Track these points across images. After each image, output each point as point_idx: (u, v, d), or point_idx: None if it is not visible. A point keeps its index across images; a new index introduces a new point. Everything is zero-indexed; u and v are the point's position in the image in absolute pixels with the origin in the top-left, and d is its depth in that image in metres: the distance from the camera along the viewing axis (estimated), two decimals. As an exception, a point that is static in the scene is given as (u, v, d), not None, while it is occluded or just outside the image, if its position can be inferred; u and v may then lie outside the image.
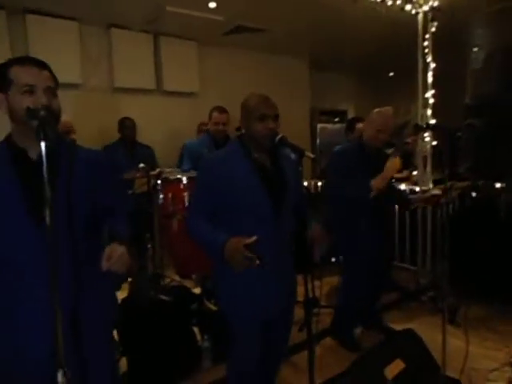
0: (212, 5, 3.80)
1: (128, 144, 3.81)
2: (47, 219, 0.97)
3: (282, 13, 4.02)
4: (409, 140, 3.98)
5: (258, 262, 1.41)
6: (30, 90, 1.14)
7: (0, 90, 1.18)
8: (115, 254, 1.16)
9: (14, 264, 1.18)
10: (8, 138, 1.23)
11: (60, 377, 1.02)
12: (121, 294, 3.04)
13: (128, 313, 2.33)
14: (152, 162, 3.61)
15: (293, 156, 1.65)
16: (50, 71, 1.22)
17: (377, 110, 2.52)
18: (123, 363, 2.32)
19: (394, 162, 2.44)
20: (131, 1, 3.64)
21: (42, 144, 0.97)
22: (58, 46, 3.74)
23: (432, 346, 2.02)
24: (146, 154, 3.83)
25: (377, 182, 2.32)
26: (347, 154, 2.53)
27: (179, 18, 4.03)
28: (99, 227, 1.33)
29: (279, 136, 1.57)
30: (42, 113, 1.00)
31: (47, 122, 0.99)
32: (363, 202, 2.39)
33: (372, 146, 2.48)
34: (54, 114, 1.16)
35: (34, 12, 3.75)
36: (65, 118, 2.96)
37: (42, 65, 1.21)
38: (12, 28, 3.69)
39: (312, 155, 1.50)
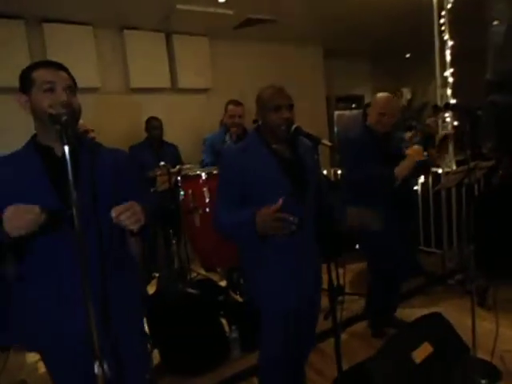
0: (221, -1, 3.81)
1: (155, 144, 3.89)
2: (74, 217, 1.02)
3: (292, 1, 3.98)
4: (428, 121, 3.90)
5: (292, 220, 1.39)
6: (51, 88, 1.20)
7: (23, 92, 1.25)
8: (131, 209, 1.15)
9: (47, 255, 1.24)
10: (33, 137, 1.30)
11: (96, 368, 1.09)
12: (150, 289, 3.14)
13: (158, 306, 2.41)
14: (178, 161, 3.70)
15: (310, 144, 1.66)
16: (69, 72, 1.28)
17: (379, 94, 2.52)
18: (155, 355, 2.40)
19: (415, 150, 2.41)
20: (142, 2, 3.68)
21: (66, 148, 1.03)
22: (75, 52, 3.83)
23: (461, 329, 1.99)
24: (172, 153, 3.92)
25: (400, 171, 2.30)
26: (355, 141, 2.50)
27: (190, 14, 4.04)
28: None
29: (294, 126, 1.58)
30: (64, 118, 1.05)
31: (69, 126, 1.04)
32: (383, 188, 2.36)
33: (378, 130, 2.45)
34: (74, 113, 1.22)
35: (50, 20, 3.85)
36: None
37: (62, 67, 1.27)
38: (30, 37, 3.80)
39: (329, 143, 1.50)
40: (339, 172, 4.88)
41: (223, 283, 3.10)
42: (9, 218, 1.07)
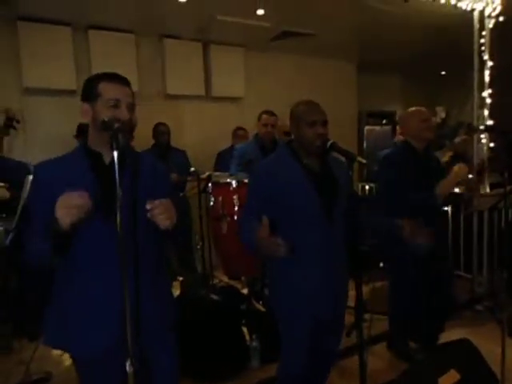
0: (260, 12, 3.87)
1: (162, 149, 3.93)
2: (117, 219, 1.07)
3: (330, 16, 4.01)
4: (458, 140, 3.81)
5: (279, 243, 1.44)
6: (115, 105, 1.26)
7: (86, 101, 1.29)
8: (165, 206, 1.19)
9: (88, 256, 1.28)
10: (84, 144, 1.35)
11: (128, 366, 1.12)
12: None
13: (180, 311, 2.43)
14: (186, 166, 3.67)
15: (343, 160, 1.67)
16: (131, 87, 1.34)
17: (410, 109, 2.49)
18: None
19: (461, 168, 2.32)
20: (182, 12, 3.81)
21: (115, 153, 1.08)
22: (117, 58, 3.98)
23: (489, 358, 1.92)
24: (179, 158, 3.93)
25: (443, 189, 2.23)
26: (395, 158, 2.44)
27: (228, 25, 4.14)
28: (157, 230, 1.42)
29: (330, 142, 1.59)
30: (116, 125, 1.10)
31: (120, 132, 1.09)
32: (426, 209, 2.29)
33: (417, 145, 2.40)
34: (131, 127, 1.29)
35: (95, 27, 4.04)
36: None
37: (126, 82, 1.33)
38: (76, 43, 3.99)
39: (364, 160, 1.50)
40: (366, 187, 4.84)
41: (245, 291, 3.11)
42: (60, 205, 1.09)
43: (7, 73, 3.77)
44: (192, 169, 3.34)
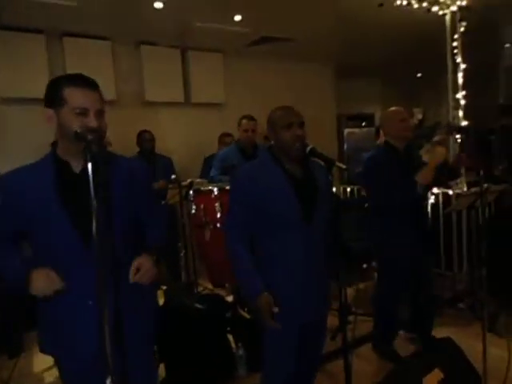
0: (237, 18, 3.89)
1: (147, 156, 3.91)
2: (94, 232, 1.04)
3: (307, 22, 4.06)
4: (437, 139, 3.88)
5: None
6: (83, 113, 1.19)
7: (50, 106, 1.22)
8: (143, 268, 1.23)
9: (59, 271, 1.24)
10: (53, 150, 1.30)
11: (108, 382, 1.09)
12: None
13: (164, 320, 2.40)
14: (171, 173, 3.65)
15: (323, 165, 1.67)
16: (99, 91, 1.26)
17: (390, 108, 2.53)
18: (161, 370, 2.38)
19: (437, 151, 2.37)
20: (160, 19, 3.79)
21: (89, 165, 1.05)
22: (93, 66, 3.90)
23: (471, 355, 1.96)
24: (165, 164, 3.91)
25: (424, 176, 2.27)
26: (377, 158, 2.49)
27: (206, 32, 4.14)
28: (138, 237, 1.40)
29: (310, 147, 1.60)
30: (90, 137, 1.07)
31: (94, 144, 1.06)
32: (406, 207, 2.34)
33: (398, 144, 2.44)
34: (100, 135, 1.21)
35: (70, 35, 3.97)
36: None
37: (94, 85, 1.24)
38: (50, 50, 3.92)
39: (343, 166, 1.51)
40: (348, 189, 4.89)
41: (230, 299, 3.09)
42: (36, 280, 1.18)
43: (-21, 82, 3.67)
44: (173, 176, 3.31)
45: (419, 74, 6.89)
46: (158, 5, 3.50)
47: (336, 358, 2.42)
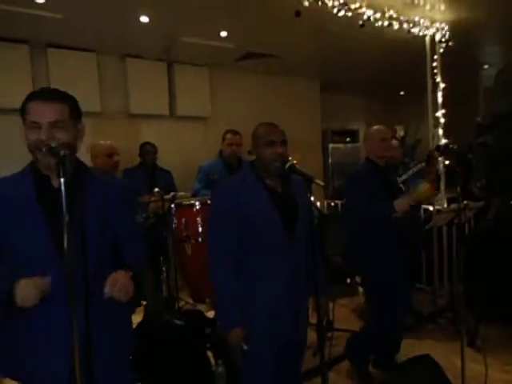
0: (223, 34, 3.94)
1: (148, 169, 3.91)
2: (65, 246, 1.04)
3: (292, 39, 4.13)
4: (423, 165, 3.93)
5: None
6: (36, 126, 1.20)
7: (23, 123, 1.24)
8: (118, 283, 1.20)
9: None
10: (32, 165, 1.29)
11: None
12: (136, 318, 3.07)
13: (143, 337, 2.35)
14: (171, 187, 3.69)
15: (302, 181, 1.69)
16: (65, 101, 1.25)
17: (373, 127, 2.58)
18: (138, 389, 2.32)
19: (426, 188, 2.37)
20: (145, 32, 3.81)
21: (62, 180, 1.04)
22: (78, 77, 3.91)
23: (450, 370, 1.97)
24: (166, 179, 3.90)
25: (401, 205, 2.26)
26: (358, 174, 2.54)
27: (192, 46, 4.18)
28: (115, 254, 1.37)
29: (289, 163, 1.61)
30: (62, 152, 1.06)
31: (66, 159, 1.05)
32: (385, 222, 2.35)
33: (379, 162, 2.49)
34: (62, 145, 1.16)
35: (55, 46, 3.95)
36: (108, 142, 3.06)
37: (52, 97, 1.23)
38: (34, 61, 3.88)
39: (322, 183, 1.52)
40: (332, 204, 4.93)
41: (211, 314, 3.05)
42: (20, 289, 1.14)
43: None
44: (156, 189, 3.28)
45: (402, 92, 7.06)
46: (144, 19, 3.52)
47: (317, 375, 2.40)
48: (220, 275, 1.62)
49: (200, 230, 2.58)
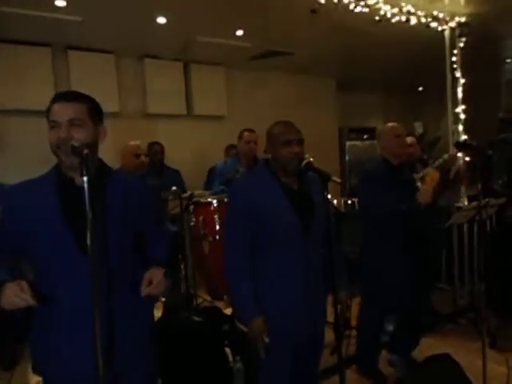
0: (239, 32, 3.95)
1: (157, 168, 3.94)
2: (88, 245, 1.06)
3: (309, 36, 4.11)
4: (446, 156, 3.87)
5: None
6: (54, 126, 1.23)
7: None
8: (155, 279, 1.23)
9: (58, 285, 1.26)
10: (56, 167, 1.33)
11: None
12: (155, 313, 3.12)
13: (161, 334, 2.39)
14: (180, 186, 3.67)
15: (318, 178, 1.69)
16: (84, 101, 1.28)
17: (386, 124, 2.55)
18: (158, 384, 2.36)
19: (432, 175, 2.40)
20: (162, 33, 3.85)
21: (85, 179, 1.07)
22: (97, 78, 3.99)
23: (471, 371, 1.93)
24: (174, 178, 3.92)
25: (423, 196, 2.27)
26: (372, 172, 2.50)
27: (208, 46, 4.21)
28: (139, 252, 1.40)
29: (305, 161, 1.61)
30: (85, 151, 1.09)
31: (89, 159, 1.08)
32: (399, 222, 2.32)
33: (393, 160, 2.44)
34: (85, 146, 1.18)
35: (75, 48, 4.05)
36: (137, 143, 3.14)
37: (71, 97, 1.27)
38: (56, 63, 3.99)
39: (338, 180, 1.53)
40: (349, 202, 4.89)
41: (229, 311, 3.07)
42: (4, 295, 1.14)
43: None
44: (173, 188, 3.33)
45: (420, 88, 6.93)
46: (161, 20, 3.57)
47: (334, 373, 2.40)
48: (235, 271, 1.64)
49: (217, 227, 2.61)
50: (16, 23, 3.40)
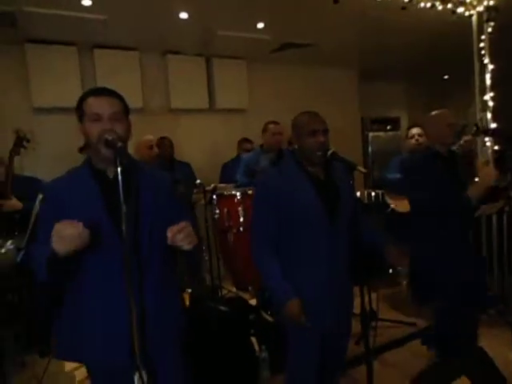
0: (260, 25, 3.95)
1: (166, 163, 3.95)
2: (123, 233, 1.12)
3: (329, 26, 4.07)
4: (464, 140, 3.78)
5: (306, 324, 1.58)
6: (96, 119, 1.27)
7: (80, 121, 1.33)
8: (184, 230, 1.21)
9: (93, 272, 1.31)
10: (88, 161, 1.38)
11: (136, 379, 1.15)
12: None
13: (188, 322, 2.45)
14: (190, 178, 3.70)
15: (344, 168, 1.69)
16: (117, 96, 1.33)
17: (433, 113, 2.34)
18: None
19: (487, 170, 2.22)
20: (184, 29, 3.90)
21: (119, 169, 1.12)
22: (122, 75, 4.08)
23: (501, 363, 1.91)
24: (184, 171, 3.92)
25: (474, 193, 2.08)
26: (419, 164, 2.29)
27: (229, 40, 4.23)
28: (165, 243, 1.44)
29: (331, 151, 1.62)
30: (120, 144, 1.14)
31: (123, 151, 1.13)
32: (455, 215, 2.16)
33: (441, 149, 2.25)
34: (118, 137, 1.22)
35: (100, 46, 4.15)
36: (148, 136, 3.22)
37: (110, 93, 1.32)
38: (82, 62, 4.10)
39: (364, 170, 1.52)
40: (372, 194, 4.83)
41: (254, 301, 3.11)
42: (55, 233, 1.10)
43: (17, 93, 3.89)
44: (198, 181, 3.38)
45: (446, 76, 6.74)
46: (183, 15, 3.61)
47: (359, 363, 2.40)
48: (264, 258, 1.67)
49: (241, 219, 2.64)
50: (43, 23, 3.51)
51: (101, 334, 1.31)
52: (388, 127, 6.50)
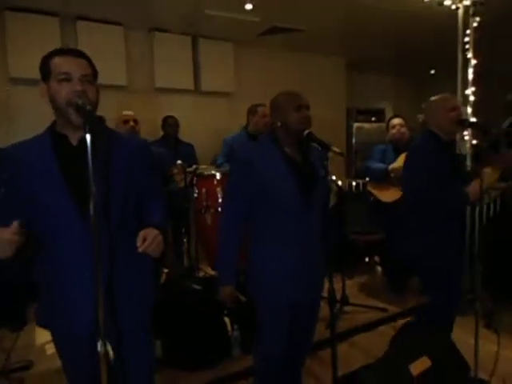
0: (248, 6, 3.88)
1: (171, 141, 3.97)
2: (91, 205, 1.07)
3: (319, 13, 4.04)
4: None
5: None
6: (66, 78, 1.20)
7: (43, 80, 1.25)
8: (149, 236, 1.24)
9: (57, 243, 1.29)
10: (52, 125, 1.33)
11: (99, 346, 1.14)
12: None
13: (163, 299, 2.46)
14: (193, 160, 3.74)
15: (319, 150, 1.69)
16: (88, 59, 1.27)
17: (433, 98, 2.22)
18: (157, 347, 2.45)
19: (491, 174, 2.14)
20: (171, 6, 3.81)
21: (88, 136, 1.09)
22: (105, 50, 3.97)
23: (465, 348, 1.97)
24: (188, 152, 3.95)
25: (473, 193, 2.01)
26: (420, 148, 2.20)
27: (217, 20, 4.16)
28: (135, 215, 1.42)
29: (307, 131, 1.62)
30: (89, 107, 1.10)
31: (92, 115, 1.09)
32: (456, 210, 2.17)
33: (443, 136, 2.14)
34: (89, 102, 1.16)
35: (84, 18, 4.02)
36: (124, 112, 3.13)
37: (79, 54, 1.26)
38: (64, 34, 3.97)
39: (339, 150, 1.53)
40: (353, 183, 4.89)
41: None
42: None
43: (-7, 62, 3.76)
44: (178, 162, 3.35)
45: (433, 71, 6.80)
46: (170, -9, 3.53)
47: (329, 345, 2.46)
48: (226, 235, 1.70)
49: (220, 200, 2.64)
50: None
51: (70, 308, 1.30)
52: (373, 118, 6.55)
